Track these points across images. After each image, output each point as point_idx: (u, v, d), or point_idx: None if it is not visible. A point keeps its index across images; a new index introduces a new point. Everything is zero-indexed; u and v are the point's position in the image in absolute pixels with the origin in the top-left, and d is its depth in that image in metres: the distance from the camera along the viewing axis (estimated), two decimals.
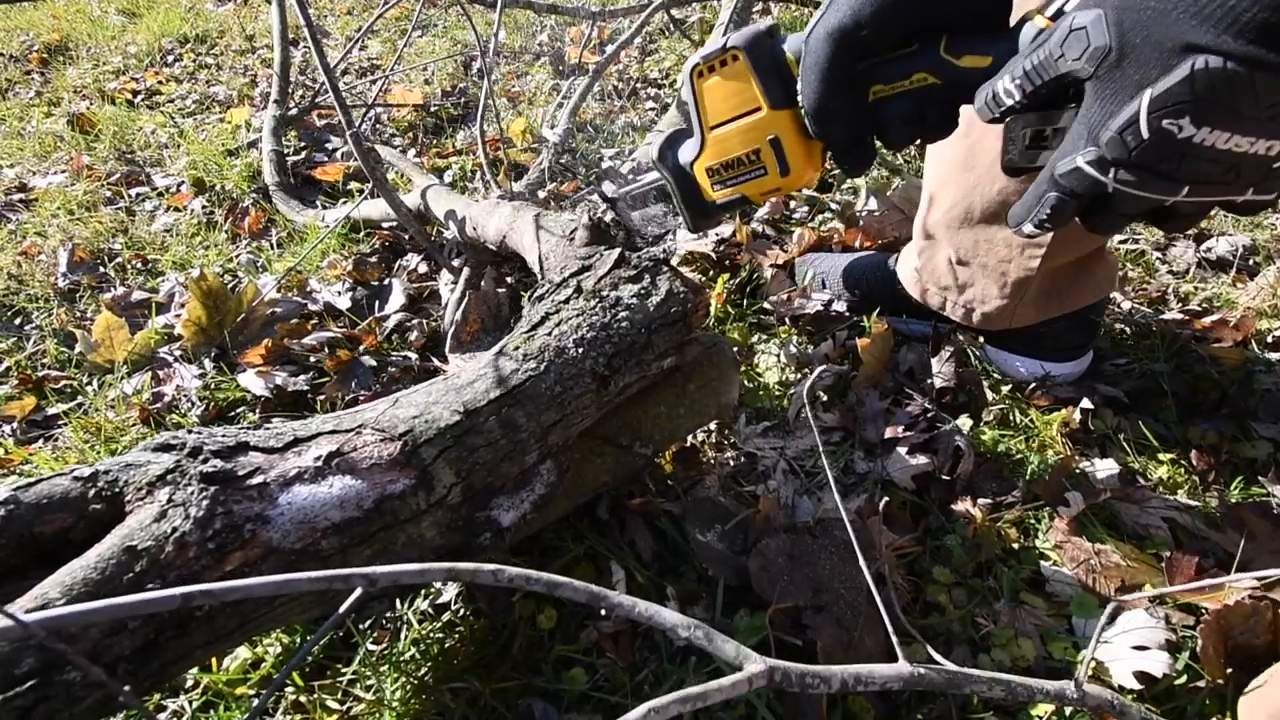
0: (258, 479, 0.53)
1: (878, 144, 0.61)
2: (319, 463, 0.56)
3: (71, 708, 0.44)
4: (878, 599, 0.49)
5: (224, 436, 0.56)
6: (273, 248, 1.43)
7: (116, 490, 0.51)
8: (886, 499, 0.82)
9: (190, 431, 0.56)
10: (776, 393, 1.01)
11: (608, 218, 0.83)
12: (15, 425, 1.04)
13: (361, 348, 1.12)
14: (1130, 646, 0.68)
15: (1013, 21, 0.52)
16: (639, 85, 1.97)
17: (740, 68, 0.61)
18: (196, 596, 0.29)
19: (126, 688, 0.24)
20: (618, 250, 0.75)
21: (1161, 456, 0.89)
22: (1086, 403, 0.92)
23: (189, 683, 0.71)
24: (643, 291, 0.72)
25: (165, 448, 0.54)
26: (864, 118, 0.58)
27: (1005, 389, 0.98)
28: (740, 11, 1.52)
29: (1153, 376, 0.98)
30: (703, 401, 0.80)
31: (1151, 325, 1.06)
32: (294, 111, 1.77)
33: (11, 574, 0.49)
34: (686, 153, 0.68)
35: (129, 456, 0.53)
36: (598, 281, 0.73)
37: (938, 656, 0.49)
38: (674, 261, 1.23)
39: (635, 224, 0.84)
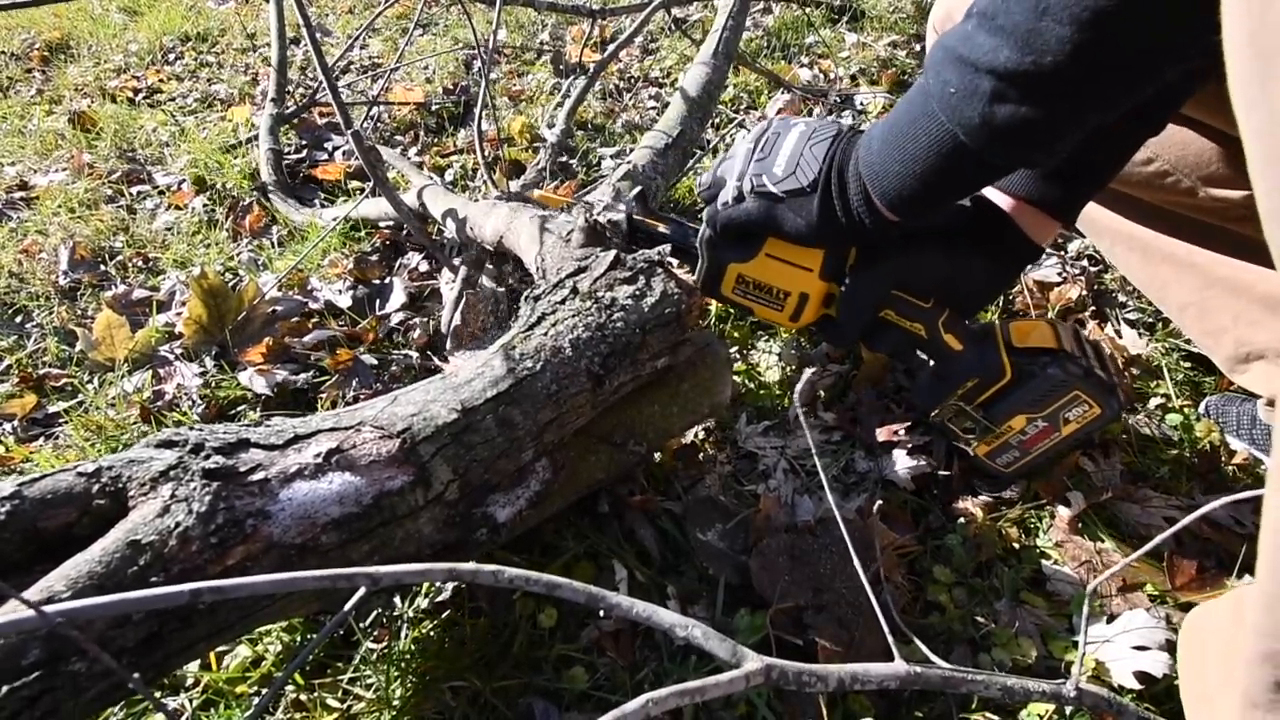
0: (259, 475, 0.54)
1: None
2: (319, 459, 0.56)
3: (76, 698, 0.44)
4: (873, 600, 0.50)
5: (225, 433, 0.56)
6: (274, 246, 1.43)
7: (120, 486, 0.52)
8: (880, 501, 0.83)
9: (192, 429, 0.56)
10: (777, 392, 1.01)
11: (604, 219, 0.83)
12: (16, 423, 1.04)
13: (362, 346, 1.12)
14: (1130, 646, 0.68)
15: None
16: (640, 84, 1.97)
17: None
18: (205, 593, 0.29)
19: (135, 675, 0.24)
20: (613, 252, 0.75)
21: (1163, 456, 0.89)
22: None
23: (189, 681, 0.71)
24: (637, 293, 0.72)
25: (168, 444, 0.54)
26: (868, 326, 0.76)
27: None
28: (736, 15, 1.52)
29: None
30: (696, 400, 0.80)
31: (1155, 324, 1.07)
32: (291, 110, 1.77)
33: (16, 568, 0.49)
34: (732, 253, 0.76)
35: (132, 453, 0.54)
36: (593, 283, 0.73)
37: (933, 657, 0.49)
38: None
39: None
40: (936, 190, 0.59)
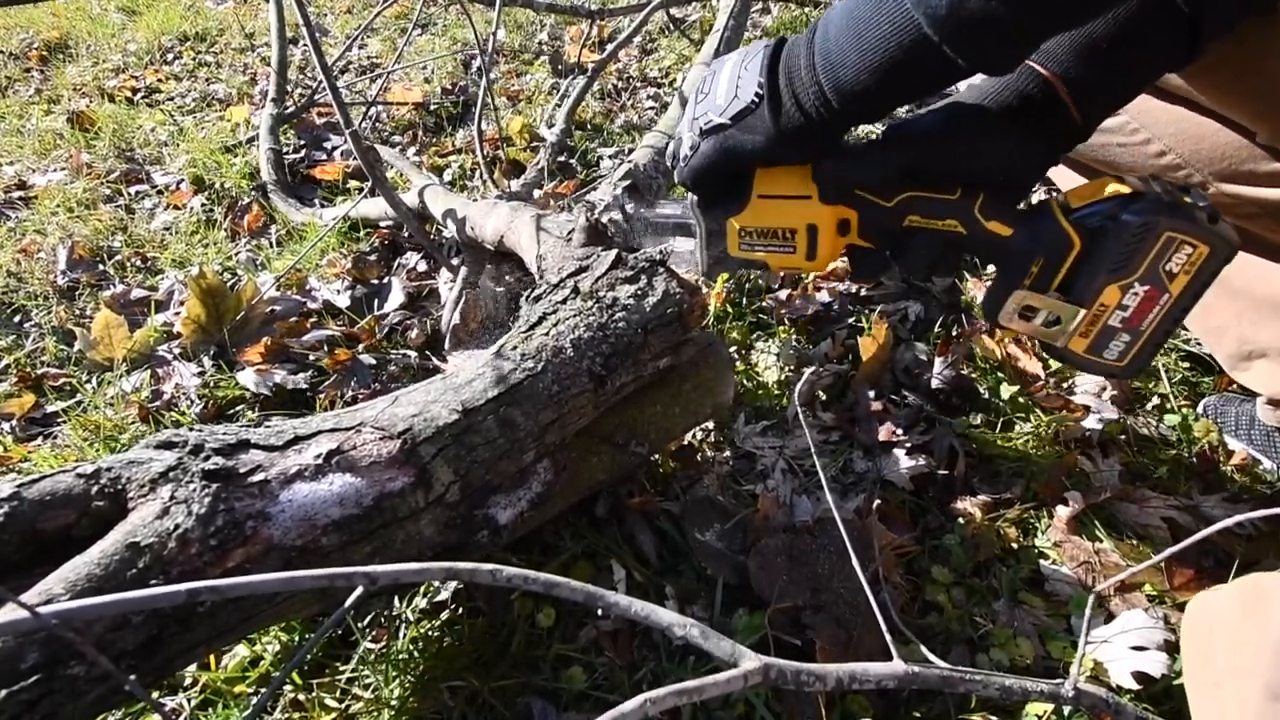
0: (259, 476, 0.53)
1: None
2: (319, 460, 0.56)
3: (75, 701, 0.44)
4: (871, 600, 0.50)
5: (225, 434, 0.56)
6: (272, 246, 1.43)
7: (119, 487, 0.51)
8: (878, 501, 0.83)
9: (192, 429, 0.56)
10: (775, 392, 1.01)
11: (605, 219, 0.83)
12: (14, 423, 1.04)
13: (360, 346, 1.12)
14: (1129, 647, 0.68)
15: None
16: (638, 84, 1.97)
17: None
18: (203, 592, 0.29)
19: (132, 676, 0.24)
20: (615, 251, 0.75)
21: (1161, 456, 0.89)
22: (1094, 421, 0.91)
23: (187, 681, 0.71)
24: (639, 292, 0.72)
25: (167, 445, 0.54)
26: (894, 240, 0.65)
27: (1006, 392, 0.98)
28: (738, 15, 1.52)
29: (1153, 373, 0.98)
30: (698, 401, 0.80)
31: None
32: (291, 110, 1.77)
33: (15, 570, 0.49)
34: (723, 207, 0.69)
35: (131, 454, 0.54)
36: (595, 282, 0.73)
37: (931, 656, 0.49)
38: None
39: (645, 244, 0.83)
40: (892, 88, 0.55)
